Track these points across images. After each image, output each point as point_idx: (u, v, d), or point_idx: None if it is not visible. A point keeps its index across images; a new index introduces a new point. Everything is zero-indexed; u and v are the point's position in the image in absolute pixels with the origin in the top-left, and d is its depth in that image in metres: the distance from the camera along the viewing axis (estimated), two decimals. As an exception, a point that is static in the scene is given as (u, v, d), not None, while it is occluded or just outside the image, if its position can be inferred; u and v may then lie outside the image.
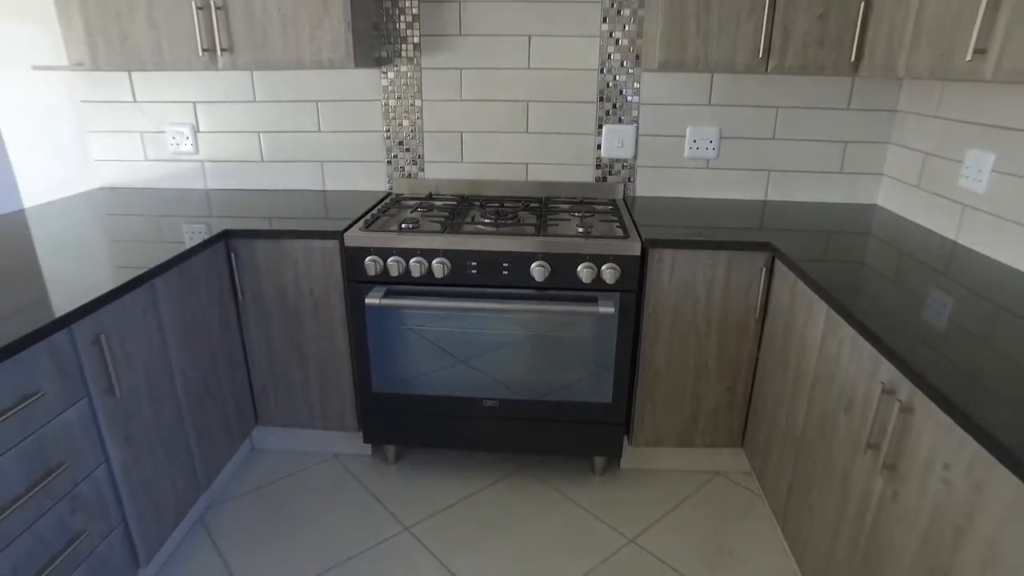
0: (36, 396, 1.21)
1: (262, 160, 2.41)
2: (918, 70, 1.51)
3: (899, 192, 2.13)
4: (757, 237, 1.83)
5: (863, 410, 1.28)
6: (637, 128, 2.26)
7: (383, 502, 2.01)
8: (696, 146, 2.26)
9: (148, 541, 1.59)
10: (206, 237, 1.81)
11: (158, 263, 1.58)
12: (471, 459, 2.21)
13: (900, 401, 1.13)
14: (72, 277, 1.48)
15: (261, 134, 2.37)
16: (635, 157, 2.30)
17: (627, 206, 2.21)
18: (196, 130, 2.38)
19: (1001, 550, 0.88)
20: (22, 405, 1.17)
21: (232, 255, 1.92)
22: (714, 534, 1.89)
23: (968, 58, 1.29)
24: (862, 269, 1.58)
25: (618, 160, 2.31)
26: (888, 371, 1.19)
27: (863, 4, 1.75)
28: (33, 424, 1.21)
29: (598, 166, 2.33)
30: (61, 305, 1.30)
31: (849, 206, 2.24)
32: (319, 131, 2.35)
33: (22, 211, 2.17)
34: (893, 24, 1.63)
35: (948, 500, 1.00)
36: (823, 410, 1.47)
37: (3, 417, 1.13)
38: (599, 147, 2.30)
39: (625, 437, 2.10)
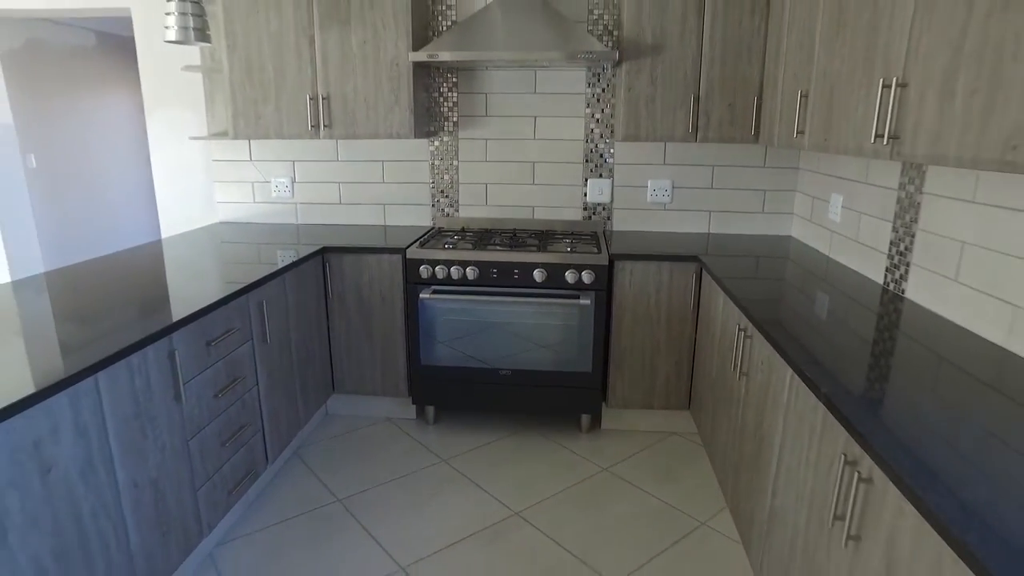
0: (233, 330, 2.03)
1: (340, 203, 3.29)
2: (782, 142, 2.34)
3: (803, 225, 2.93)
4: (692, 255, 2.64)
5: (734, 346, 2.05)
6: (613, 181, 3.12)
7: (426, 445, 2.77)
8: (655, 193, 3.10)
9: (273, 447, 2.37)
10: (310, 252, 2.65)
11: (286, 264, 2.42)
12: (490, 421, 2.97)
13: (745, 333, 1.91)
14: (229, 273, 2.32)
15: (340, 184, 3.26)
16: (612, 202, 3.14)
17: (605, 236, 3.03)
18: (294, 181, 3.27)
19: (779, 396, 1.65)
20: (228, 332, 1.99)
21: (326, 264, 2.76)
22: (665, 467, 2.61)
23: (795, 135, 2.12)
24: (758, 273, 2.37)
25: (599, 204, 3.16)
26: (743, 319, 1.97)
27: (756, 98, 2.61)
28: (230, 348, 2.03)
29: (585, 208, 3.17)
30: (237, 283, 2.12)
31: (770, 236, 3.05)
32: (383, 182, 3.24)
33: (159, 241, 3.03)
34: (772, 112, 2.48)
35: (765, 379, 1.77)
36: (721, 357, 2.24)
37: (221, 338, 1.95)
38: (585, 195, 3.15)
39: (604, 402, 2.86)
